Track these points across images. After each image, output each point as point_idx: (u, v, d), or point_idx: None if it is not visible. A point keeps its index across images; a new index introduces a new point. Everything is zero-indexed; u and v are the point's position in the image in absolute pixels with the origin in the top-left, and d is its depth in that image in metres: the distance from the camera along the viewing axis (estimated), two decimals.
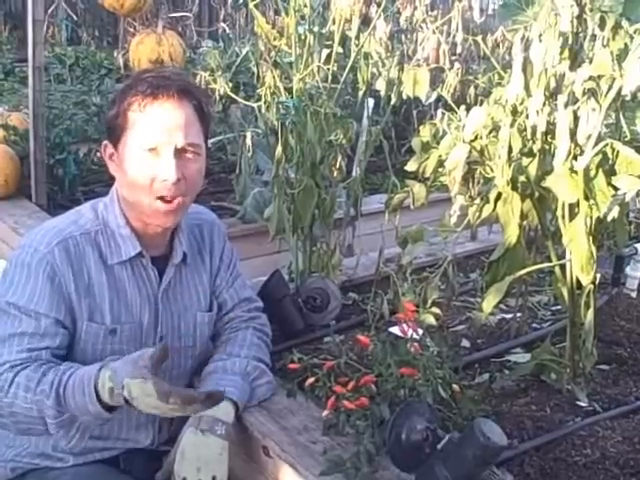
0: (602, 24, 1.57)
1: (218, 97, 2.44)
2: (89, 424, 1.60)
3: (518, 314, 2.18)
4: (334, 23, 2.20)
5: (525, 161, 1.68)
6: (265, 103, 2.24)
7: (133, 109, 1.55)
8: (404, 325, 1.69)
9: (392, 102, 2.22)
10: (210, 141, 3.50)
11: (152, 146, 1.54)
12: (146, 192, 1.56)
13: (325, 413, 1.63)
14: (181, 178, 1.56)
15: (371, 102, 2.56)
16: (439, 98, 2.10)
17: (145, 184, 1.55)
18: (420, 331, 1.71)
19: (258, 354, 1.77)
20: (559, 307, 2.30)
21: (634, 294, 2.44)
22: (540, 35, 1.54)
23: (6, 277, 1.59)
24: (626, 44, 1.55)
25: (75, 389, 1.46)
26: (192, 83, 1.70)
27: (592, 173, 1.59)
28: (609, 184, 1.59)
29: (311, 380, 1.72)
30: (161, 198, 1.57)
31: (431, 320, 1.73)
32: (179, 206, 1.59)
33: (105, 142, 1.63)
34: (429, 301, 1.75)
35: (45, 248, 1.56)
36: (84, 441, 1.65)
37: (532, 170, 1.67)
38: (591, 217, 1.63)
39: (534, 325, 2.26)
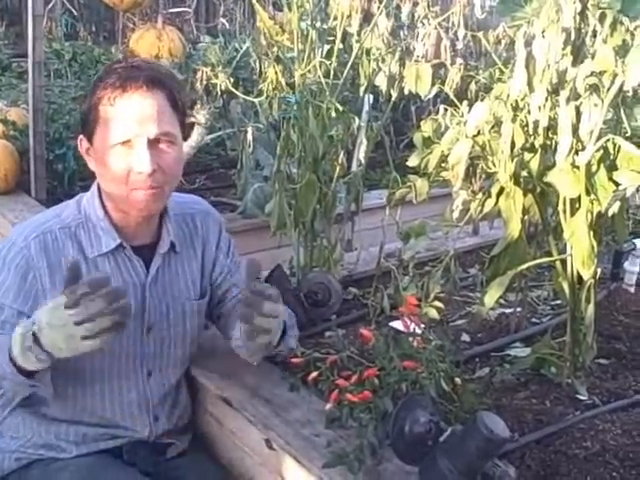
0: (602, 20, 1.58)
1: (219, 92, 2.44)
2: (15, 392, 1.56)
3: (518, 309, 2.19)
4: (335, 19, 2.21)
5: (527, 156, 1.68)
6: (267, 98, 2.25)
7: (103, 103, 1.54)
8: (406, 319, 1.69)
9: (392, 98, 2.23)
10: (209, 136, 3.53)
11: (124, 139, 1.54)
12: (123, 184, 1.56)
13: (328, 406, 1.64)
14: (156, 169, 1.55)
15: (370, 98, 2.56)
16: (438, 94, 2.11)
17: (121, 177, 1.55)
18: (422, 325, 1.72)
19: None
20: (558, 302, 2.31)
21: (632, 289, 2.45)
22: (543, 31, 1.55)
23: None
24: (624, 40, 1.56)
25: None
26: (162, 71, 1.66)
27: (594, 168, 1.60)
28: (610, 179, 1.60)
29: (314, 374, 1.73)
30: (137, 189, 1.57)
31: (434, 314, 1.74)
32: (157, 194, 1.59)
33: (80, 137, 1.63)
34: (431, 295, 1.76)
35: (22, 242, 1.58)
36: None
37: (534, 165, 1.68)
38: (592, 212, 1.64)
39: (534, 320, 2.27)
